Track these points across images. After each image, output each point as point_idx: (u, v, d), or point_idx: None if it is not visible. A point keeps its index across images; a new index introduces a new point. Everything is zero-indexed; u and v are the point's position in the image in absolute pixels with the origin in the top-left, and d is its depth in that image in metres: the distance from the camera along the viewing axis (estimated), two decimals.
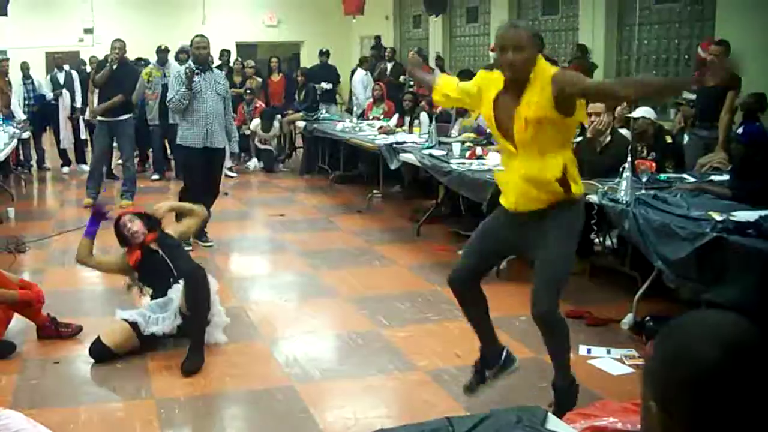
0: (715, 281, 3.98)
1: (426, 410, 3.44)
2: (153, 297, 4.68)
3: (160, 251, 4.76)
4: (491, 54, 11.45)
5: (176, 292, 4.51)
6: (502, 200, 3.47)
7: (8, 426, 2.46)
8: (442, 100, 3.81)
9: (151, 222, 4.88)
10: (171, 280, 4.62)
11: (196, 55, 6.86)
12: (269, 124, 11.69)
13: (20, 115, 10.62)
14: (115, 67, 8.49)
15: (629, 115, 6.40)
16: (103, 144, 8.93)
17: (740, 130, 5.15)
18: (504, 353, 3.66)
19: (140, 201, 9.86)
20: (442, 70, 13.02)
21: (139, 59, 11.93)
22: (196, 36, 7.00)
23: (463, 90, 3.59)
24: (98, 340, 4.41)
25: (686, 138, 7.60)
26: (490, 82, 3.39)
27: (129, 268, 4.83)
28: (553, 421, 1.82)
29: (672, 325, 1.09)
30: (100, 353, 4.39)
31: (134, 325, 4.42)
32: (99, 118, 8.84)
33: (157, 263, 4.72)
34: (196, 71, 6.66)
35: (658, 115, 6.59)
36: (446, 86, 3.69)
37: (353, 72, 14.15)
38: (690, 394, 0.99)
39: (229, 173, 10.70)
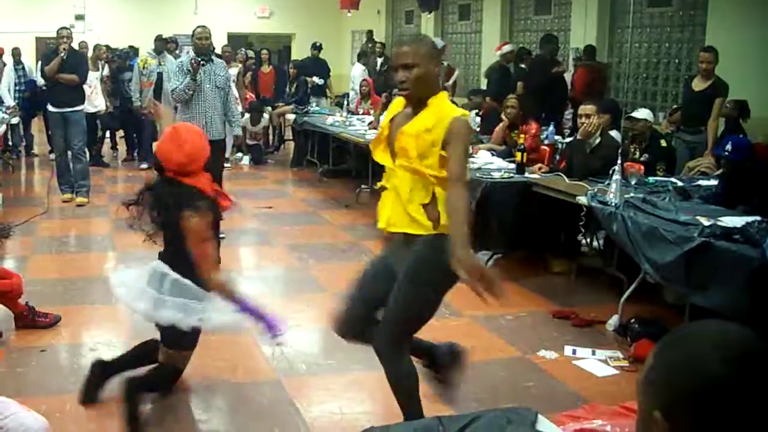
0: (701, 286, 4.02)
1: None
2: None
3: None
4: (496, 53, 11.30)
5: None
6: (379, 222, 3.30)
7: (4, 411, 2.46)
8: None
9: None
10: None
11: (199, 46, 6.81)
12: (258, 116, 11.67)
13: (9, 100, 10.54)
14: (65, 56, 8.04)
15: (631, 114, 6.44)
16: (60, 136, 8.44)
17: (728, 147, 5.13)
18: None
19: (128, 190, 9.82)
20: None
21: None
22: (198, 27, 6.94)
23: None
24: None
25: (674, 142, 7.67)
26: (395, 105, 3.30)
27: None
28: (543, 422, 1.83)
29: (676, 334, 1.10)
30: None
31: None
32: (51, 109, 8.38)
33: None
34: (201, 62, 6.64)
35: None
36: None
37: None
38: (696, 405, 1.00)
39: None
